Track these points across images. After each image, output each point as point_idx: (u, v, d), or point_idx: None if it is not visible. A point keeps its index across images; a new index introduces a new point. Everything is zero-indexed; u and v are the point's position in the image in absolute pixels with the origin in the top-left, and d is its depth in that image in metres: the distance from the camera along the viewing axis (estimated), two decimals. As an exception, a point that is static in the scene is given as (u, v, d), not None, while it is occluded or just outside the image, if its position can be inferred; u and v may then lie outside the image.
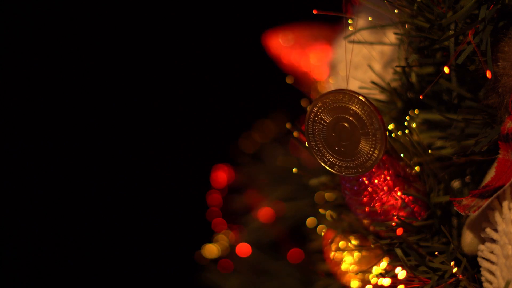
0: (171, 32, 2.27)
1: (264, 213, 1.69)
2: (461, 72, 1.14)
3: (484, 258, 1.09)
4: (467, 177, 1.19)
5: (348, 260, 1.29)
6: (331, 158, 1.11)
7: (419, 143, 1.18)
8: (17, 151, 2.24)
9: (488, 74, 1.06)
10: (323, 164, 1.12)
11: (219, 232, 1.74)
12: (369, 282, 1.16)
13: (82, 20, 2.25)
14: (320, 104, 1.09)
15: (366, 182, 1.15)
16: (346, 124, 1.09)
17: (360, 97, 1.07)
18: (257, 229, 1.69)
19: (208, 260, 1.72)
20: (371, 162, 1.09)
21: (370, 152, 1.09)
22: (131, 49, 2.27)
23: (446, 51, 1.13)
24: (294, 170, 1.48)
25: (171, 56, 2.28)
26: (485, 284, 1.09)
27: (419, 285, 1.12)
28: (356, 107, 1.08)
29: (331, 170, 1.11)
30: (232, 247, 1.70)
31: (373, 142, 1.08)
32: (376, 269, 1.18)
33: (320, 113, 1.10)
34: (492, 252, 1.08)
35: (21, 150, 2.25)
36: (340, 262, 1.30)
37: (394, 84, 1.22)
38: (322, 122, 1.10)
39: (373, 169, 1.14)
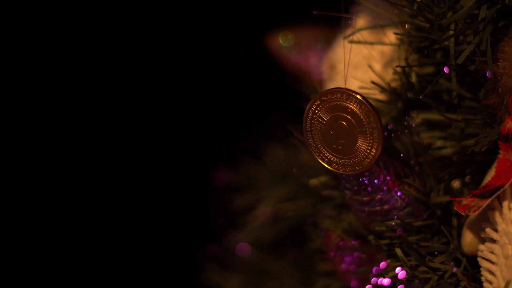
0: (172, 32, 2.27)
1: (264, 213, 1.69)
2: (461, 72, 1.14)
3: (484, 258, 1.09)
4: (467, 177, 1.19)
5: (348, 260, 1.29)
6: (328, 156, 1.12)
7: (419, 143, 1.18)
8: (17, 151, 2.24)
9: (488, 74, 1.06)
10: (320, 161, 1.12)
11: (219, 232, 1.74)
12: (369, 282, 1.16)
13: (82, 20, 2.25)
14: (318, 102, 1.10)
15: (366, 182, 1.15)
16: (344, 123, 1.10)
17: (358, 96, 1.08)
18: (257, 229, 1.69)
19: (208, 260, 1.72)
20: (368, 160, 1.10)
21: (368, 151, 1.09)
22: (132, 49, 2.27)
23: (446, 51, 1.13)
24: (294, 170, 1.48)
25: (172, 56, 2.28)
26: (485, 284, 1.09)
27: (419, 285, 1.12)
28: (354, 106, 1.08)
29: (329, 168, 1.12)
30: (232, 247, 1.70)
31: (370, 141, 1.09)
32: (376, 269, 1.18)
33: (318, 111, 1.10)
34: (492, 252, 1.08)
35: (21, 150, 2.25)
36: (340, 262, 1.30)
37: (394, 84, 1.22)
38: (320, 119, 1.11)
39: (373, 169, 1.14)
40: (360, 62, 1.32)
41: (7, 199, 2.23)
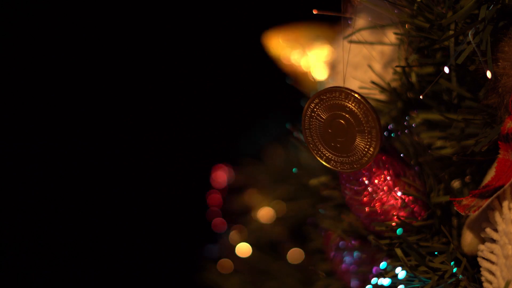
0: (172, 32, 2.27)
1: (264, 213, 1.69)
2: (461, 72, 1.14)
3: (484, 258, 1.09)
4: (467, 177, 1.19)
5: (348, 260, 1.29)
6: (327, 153, 1.12)
7: (419, 143, 1.18)
8: (17, 151, 2.24)
9: (488, 74, 1.06)
10: (319, 159, 1.12)
11: (219, 232, 1.74)
12: (369, 282, 1.16)
13: (82, 20, 2.25)
14: (317, 100, 1.10)
15: (366, 182, 1.15)
16: (342, 121, 1.10)
17: (356, 95, 1.08)
18: (257, 229, 1.69)
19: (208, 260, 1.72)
20: (366, 158, 1.10)
21: (366, 149, 1.09)
22: (132, 49, 2.27)
23: (446, 51, 1.13)
24: (294, 170, 1.48)
25: (172, 56, 2.28)
26: (485, 284, 1.09)
27: (419, 285, 1.12)
28: (352, 104, 1.09)
29: (327, 165, 1.12)
30: (232, 247, 1.70)
31: (369, 140, 1.09)
32: (376, 269, 1.18)
33: (317, 109, 1.11)
34: (492, 252, 1.08)
35: (21, 150, 2.25)
36: (340, 262, 1.30)
37: (394, 84, 1.22)
38: (318, 118, 1.11)
39: (373, 169, 1.14)
40: (360, 62, 1.32)
41: (7, 199, 2.23)
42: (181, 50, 2.28)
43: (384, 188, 1.15)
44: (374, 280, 1.15)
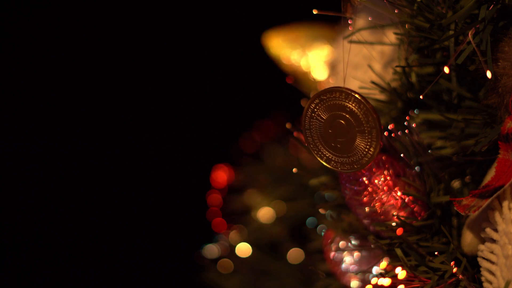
0: (172, 32, 2.27)
1: (264, 213, 1.69)
2: (461, 72, 1.15)
3: (484, 258, 1.09)
4: (467, 177, 1.19)
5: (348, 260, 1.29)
6: (327, 154, 1.12)
7: (419, 143, 1.18)
8: (17, 151, 2.24)
9: (488, 74, 1.06)
10: (319, 159, 1.13)
11: (219, 232, 1.74)
12: (369, 282, 1.16)
13: (82, 20, 2.25)
14: (317, 100, 1.11)
15: (366, 182, 1.15)
16: (342, 121, 1.10)
17: (357, 95, 1.08)
18: (257, 229, 1.69)
19: (208, 260, 1.72)
20: (366, 159, 1.10)
21: (366, 150, 1.10)
22: (132, 49, 2.27)
23: (446, 51, 1.14)
24: (294, 170, 1.48)
25: (172, 56, 2.28)
26: (485, 284, 1.09)
27: (419, 285, 1.12)
28: (353, 105, 1.09)
29: (327, 165, 1.12)
30: (232, 247, 1.70)
31: (369, 140, 1.09)
32: (376, 269, 1.18)
33: (317, 109, 1.11)
34: (492, 252, 1.08)
35: (21, 150, 2.24)
36: (340, 262, 1.30)
37: (394, 84, 1.22)
38: (319, 118, 1.11)
39: (373, 169, 1.14)
40: (360, 62, 1.32)
41: (7, 199, 2.23)
42: (181, 50, 2.28)
43: (384, 188, 1.15)
44: (374, 280, 1.15)
